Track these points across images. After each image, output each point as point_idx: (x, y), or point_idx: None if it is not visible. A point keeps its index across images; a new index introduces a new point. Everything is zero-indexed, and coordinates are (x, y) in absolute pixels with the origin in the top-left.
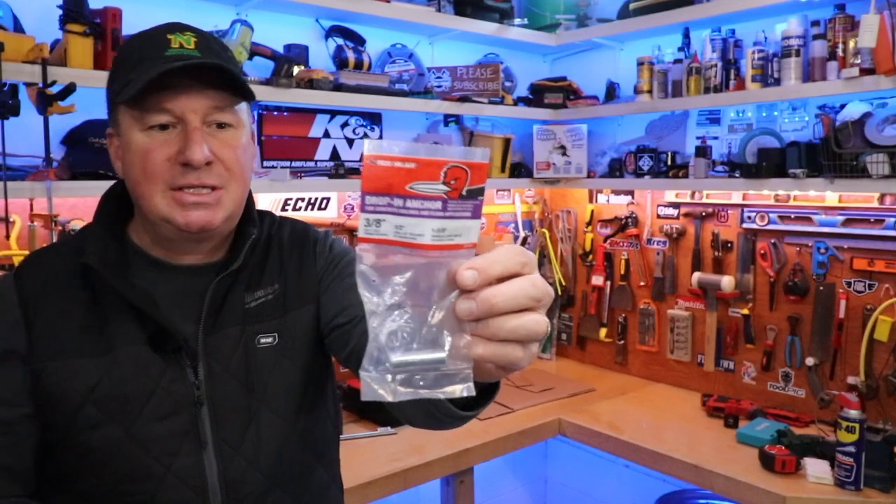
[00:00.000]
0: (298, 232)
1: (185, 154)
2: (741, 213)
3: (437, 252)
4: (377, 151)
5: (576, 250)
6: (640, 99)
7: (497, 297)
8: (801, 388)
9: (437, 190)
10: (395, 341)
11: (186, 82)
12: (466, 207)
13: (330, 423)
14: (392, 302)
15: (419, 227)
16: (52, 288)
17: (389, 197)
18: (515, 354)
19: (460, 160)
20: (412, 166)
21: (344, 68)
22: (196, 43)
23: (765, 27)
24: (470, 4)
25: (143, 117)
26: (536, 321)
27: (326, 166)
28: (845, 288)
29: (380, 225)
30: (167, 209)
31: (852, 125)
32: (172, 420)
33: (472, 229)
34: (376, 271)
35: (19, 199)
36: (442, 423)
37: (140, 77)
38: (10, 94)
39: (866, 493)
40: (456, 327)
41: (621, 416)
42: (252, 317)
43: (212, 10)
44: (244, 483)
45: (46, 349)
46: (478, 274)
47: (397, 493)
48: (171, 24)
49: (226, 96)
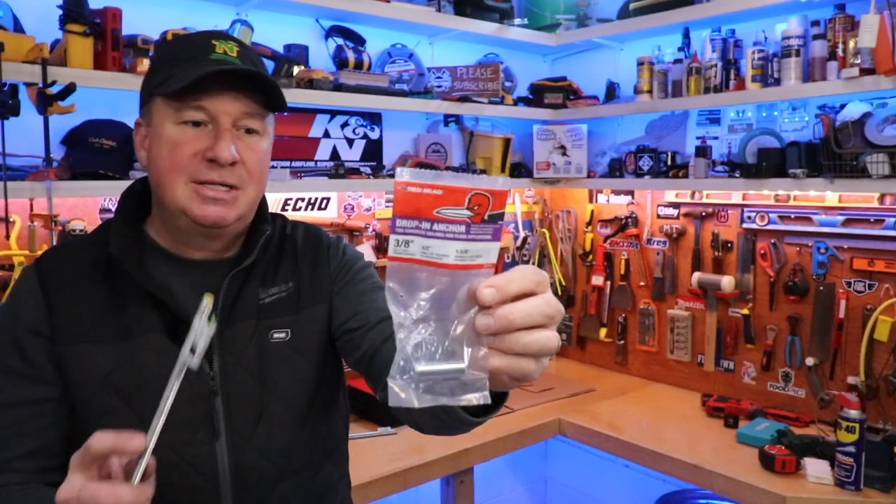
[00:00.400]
0: (312, 234)
1: (214, 150)
2: (741, 213)
3: (460, 271)
4: (408, 178)
5: (576, 250)
6: (640, 99)
7: (514, 313)
8: (801, 388)
9: (462, 215)
10: (419, 352)
11: (224, 86)
12: (487, 231)
13: (341, 420)
14: (418, 316)
15: (444, 248)
16: (72, 276)
17: (418, 220)
18: (529, 367)
19: (483, 188)
20: (439, 193)
21: (344, 68)
22: (238, 52)
23: (765, 27)
24: (470, 4)
25: (178, 111)
26: (549, 337)
27: (326, 166)
28: (845, 288)
29: (408, 245)
30: (186, 200)
31: (852, 125)
32: (187, 409)
33: (492, 251)
34: (403, 288)
35: (19, 199)
36: (450, 429)
37: (186, 73)
38: (10, 94)
39: (866, 493)
40: (475, 340)
41: (621, 416)
42: (266, 312)
43: (212, 10)
44: (254, 472)
45: (66, 333)
46: (496, 292)
47: (397, 493)
48: (216, 32)
49: (258, 105)
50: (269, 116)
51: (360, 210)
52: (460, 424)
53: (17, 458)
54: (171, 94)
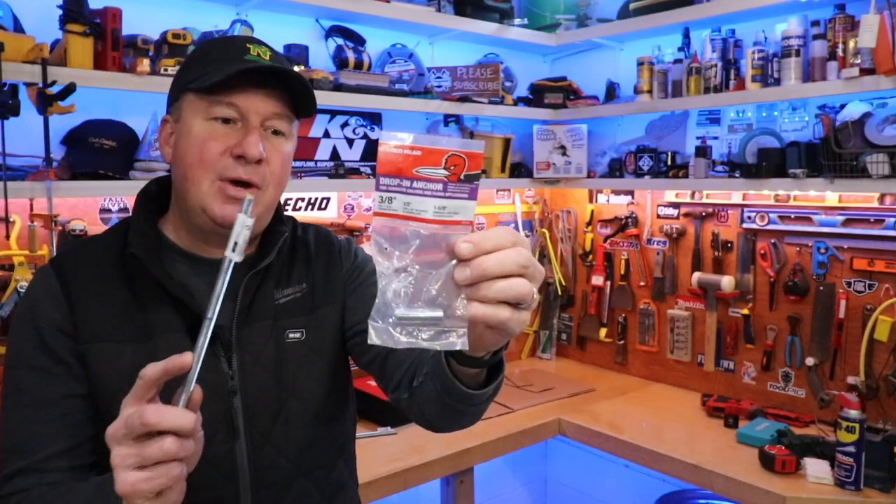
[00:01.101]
0: (323, 236)
1: (243, 146)
2: (741, 213)
3: (438, 226)
4: (390, 140)
5: (576, 250)
6: (640, 99)
7: (488, 261)
8: (801, 388)
9: (439, 174)
10: (398, 298)
11: (256, 86)
12: (464, 190)
13: (351, 419)
14: (399, 266)
15: (423, 204)
16: (91, 276)
17: (399, 178)
18: (503, 314)
19: (459, 149)
20: (418, 153)
21: (344, 68)
22: (271, 56)
23: (765, 27)
24: (470, 4)
25: (210, 107)
26: (522, 283)
27: (326, 166)
28: (845, 288)
29: (391, 202)
30: (209, 198)
31: (852, 125)
32: (208, 409)
33: (468, 208)
34: (386, 240)
35: (19, 199)
36: (457, 413)
37: (222, 69)
38: (10, 94)
39: (866, 493)
40: (453, 291)
41: (621, 416)
42: (282, 312)
43: (212, 10)
44: (272, 471)
45: (89, 332)
46: (473, 246)
47: (397, 493)
48: (250, 37)
49: (287, 108)
50: (296, 122)
51: (360, 210)
52: (463, 402)
53: (53, 457)
54: (205, 90)
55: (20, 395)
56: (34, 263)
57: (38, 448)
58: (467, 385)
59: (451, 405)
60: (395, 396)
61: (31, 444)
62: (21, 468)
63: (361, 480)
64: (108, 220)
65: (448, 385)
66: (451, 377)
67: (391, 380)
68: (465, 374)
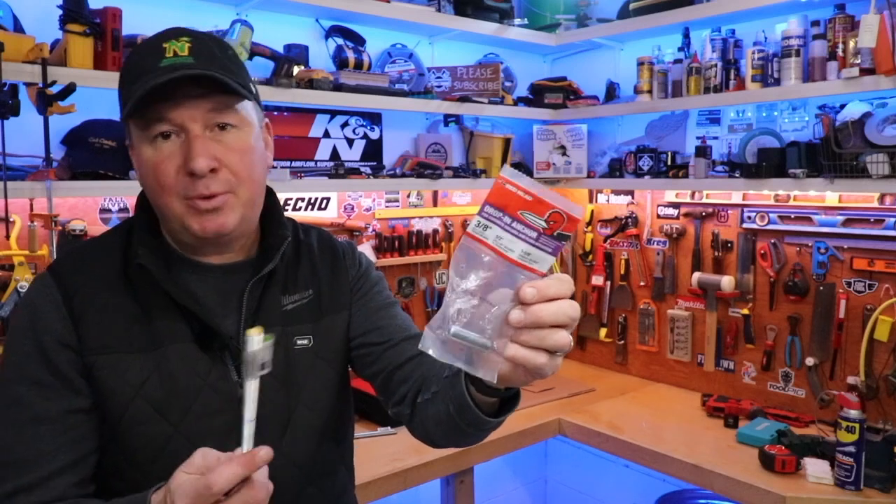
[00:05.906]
0: (325, 239)
1: (189, 164)
2: (741, 213)
3: (517, 267)
4: (509, 177)
5: (576, 250)
6: (640, 99)
7: (544, 312)
8: (801, 388)
9: (539, 223)
10: (458, 317)
11: (184, 89)
12: (552, 245)
13: (351, 425)
14: (468, 288)
15: (514, 244)
16: (94, 285)
17: (503, 213)
18: (541, 360)
19: (564, 209)
20: (529, 199)
21: (344, 68)
22: (190, 49)
23: (765, 27)
24: (470, 4)
25: (147, 129)
26: (564, 336)
27: (326, 166)
28: (845, 288)
29: (486, 229)
30: (185, 217)
31: (852, 125)
32: (218, 417)
33: (548, 261)
34: (467, 262)
35: (19, 199)
36: (462, 434)
37: (140, 86)
38: (10, 94)
39: (866, 493)
40: (503, 328)
41: (621, 416)
42: (290, 319)
43: (212, 10)
44: (282, 479)
45: (95, 343)
46: (537, 293)
47: (397, 493)
48: (168, 31)
49: (225, 98)
50: (246, 103)
51: (360, 210)
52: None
53: (55, 475)
54: (133, 115)
55: (19, 409)
56: (34, 263)
57: (40, 464)
58: (482, 410)
59: (462, 428)
60: (397, 411)
61: (32, 461)
62: (22, 486)
63: (362, 480)
64: (108, 220)
65: (464, 409)
66: (469, 402)
67: (394, 394)
68: (481, 400)
